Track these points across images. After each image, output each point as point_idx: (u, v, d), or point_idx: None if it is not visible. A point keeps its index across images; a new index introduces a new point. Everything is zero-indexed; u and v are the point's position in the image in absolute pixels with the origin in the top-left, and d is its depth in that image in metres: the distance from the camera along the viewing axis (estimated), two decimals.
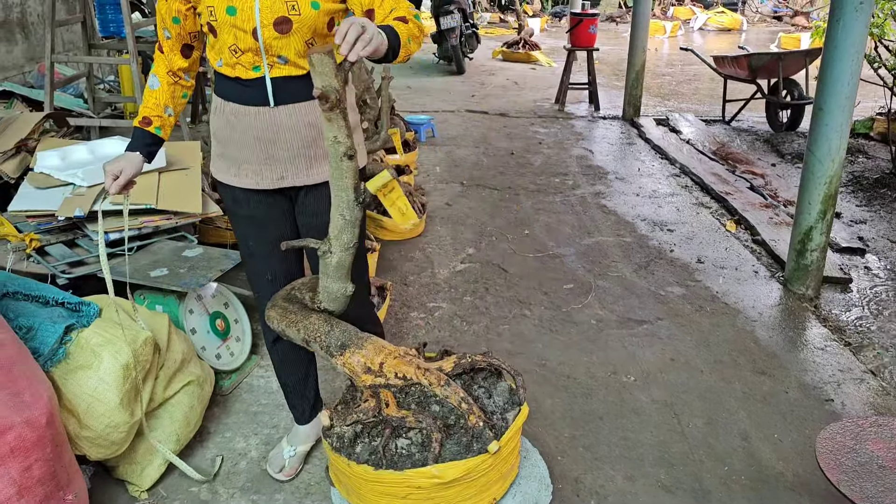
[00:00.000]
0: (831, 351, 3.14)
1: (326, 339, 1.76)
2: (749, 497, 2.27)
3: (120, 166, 1.96)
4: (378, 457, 1.66)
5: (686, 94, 9.21)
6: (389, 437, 1.69)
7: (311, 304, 1.85)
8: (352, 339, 1.77)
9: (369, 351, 1.76)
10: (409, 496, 1.63)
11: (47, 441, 1.78)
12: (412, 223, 1.79)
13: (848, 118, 3.42)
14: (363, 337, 1.80)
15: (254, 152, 1.94)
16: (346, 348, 1.75)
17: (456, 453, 1.63)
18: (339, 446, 1.73)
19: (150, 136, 2.00)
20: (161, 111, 2.00)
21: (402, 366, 1.74)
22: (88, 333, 2.11)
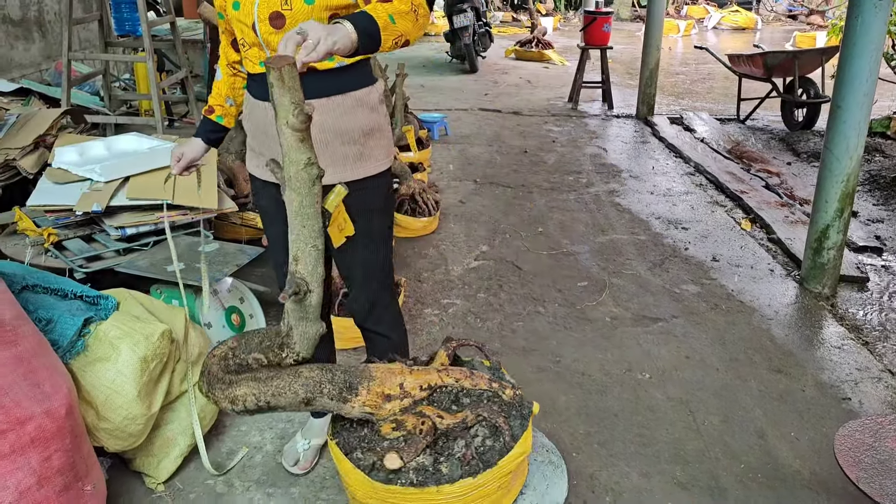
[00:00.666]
0: (848, 349, 3.11)
1: (333, 387, 1.55)
2: (766, 495, 2.26)
3: (182, 150, 2.13)
4: (475, 462, 1.54)
5: (700, 92, 9.16)
6: (469, 443, 1.58)
7: (274, 360, 1.57)
8: (357, 374, 1.60)
9: (383, 378, 1.61)
10: (502, 486, 1.58)
11: (66, 432, 1.80)
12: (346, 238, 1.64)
13: (866, 115, 3.39)
14: (364, 367, 1.64)
15: (266, 145, 1.97)
16: (357, 386, 1.58)
17: (519, 427, 1.62)
18: (425, 478, 1.53)
19: (211, 124, 2.15)
20: (223, 101, 2.13)
21: (423, 376, 1.67)
22: (107, 326, 2.13)
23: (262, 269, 3.62)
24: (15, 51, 6.20)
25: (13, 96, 5.15)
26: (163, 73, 6.93)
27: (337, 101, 1.88)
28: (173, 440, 2.27)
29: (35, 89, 5.44)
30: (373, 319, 2.12)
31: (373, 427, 1.61)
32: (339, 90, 1.89)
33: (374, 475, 1.52)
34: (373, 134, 1.96)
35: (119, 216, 3.02)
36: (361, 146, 1.94)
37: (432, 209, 4.34)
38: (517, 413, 1.62)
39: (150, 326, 2.17)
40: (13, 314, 1.83)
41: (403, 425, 1.58)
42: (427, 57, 12.03)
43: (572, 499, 2.22)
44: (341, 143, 1.91)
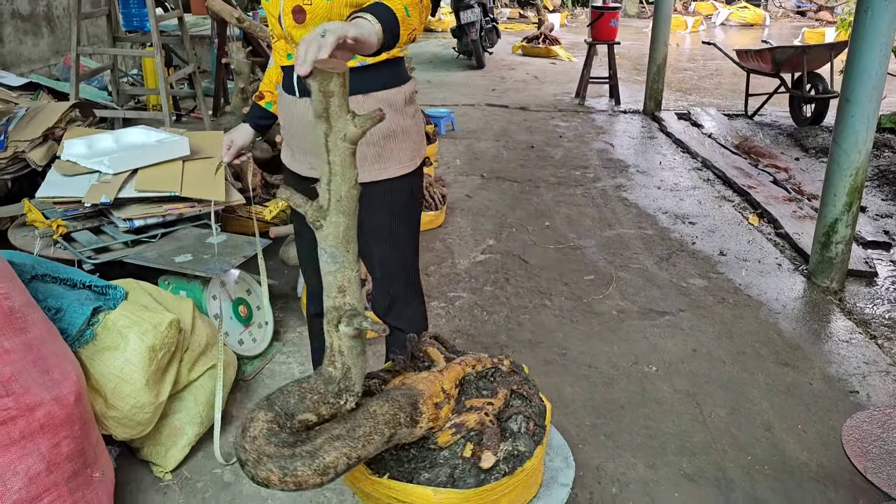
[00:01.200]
0: (856, 343, 3.10)
1: (405, 415, 1.40)
2: (773, 487, 2.25)
3: (231, 137, 2.14)
4: (538, 432, 1.53)
5: (708, 88, 9.13)
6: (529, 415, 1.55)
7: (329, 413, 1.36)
8: (412, 393, 1.46)
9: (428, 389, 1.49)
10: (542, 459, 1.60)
11: (75, 419, 1.81)
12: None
13: (875, 109, 3.37)
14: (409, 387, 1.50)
15: (293, 137, 1.97)
16: (418, 405, 1.44)
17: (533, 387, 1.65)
18: (513, 464, 1.47)
19: (261, 110, 2.14)
20: (272, 87, 2.12)
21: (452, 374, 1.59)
22: (115, 315, 2.14)
23: (268, 262, 3.62)
24: (24, 46, 6.23)
25: (22, 91, 5.18)
26: (170, 68, 6.95)
27: (358, 100, 1.83)
28: (181, 429, 2.28)
29: (44, 84, 5.46)
30: (393, 315, 2.12)
31: (422, 444, 1.49)
32: (362, 90, 1.83)
33: (462, 485, 1.42)
34: (395, 137, 1.90)
35: (127, 208, 3.03)
36: (381, 148, 1.89)
37: (439, 203, 4.34)
38: (522, 378, 1.65)
39: (159, 316, 2.18)
40: (22, 302, 1.84)
41: (464, 426, 1.49)
42: (434, 53, 12.02)
43: (578, 490, 2.23)
44: (361, 143, 1.89)
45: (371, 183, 1.93)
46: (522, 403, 1.59)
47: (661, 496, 2.21)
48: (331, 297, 1.33)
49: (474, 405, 1.53)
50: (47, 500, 1.71)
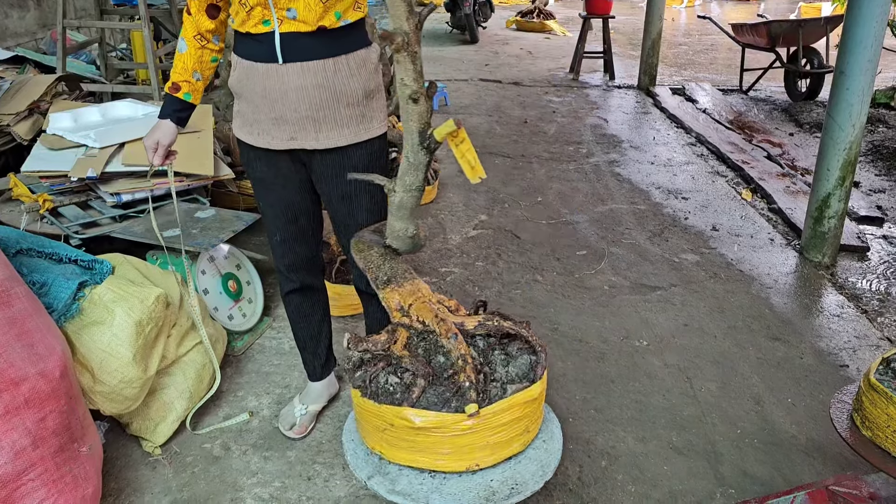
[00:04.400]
0: (847, 318, 3.11)
1: (377, 272, 1.84)
2: (761, 459, 2.26)
3: (155, 138, 2.01)
4: (364, 385, 1.73)
5: (703, 63, 9.08)
6: (380, 371, 1.74)
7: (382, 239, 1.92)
8: (396, 276, 1.83)
9: (405, 291, 1.82)
10: (386, 431, 1.70)
11: (61, 393, 1.79)
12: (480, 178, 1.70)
13: (870, 82, 3.35)
14: (408, 278, 1.86)
15: (263, 111, 1.92)
16: (388, 283, 1.82)
17: (432, 404, 1.64)
18: (346, 368, 1.82)
19: (178, 102, 2.01)
20: (189, 76, 1.99)
21: (424, 310, 1.79)
22: (102, 290, 2.11)
23: (259, 238, 3.61)
24: (9, 19, 6.13)
25: (8, 65, 5.10)
26: (159, 42, 6.85)
27: (342, 61, 1.86)
28: (170, 404, 2.27)
29: (30, 58, 5.38)
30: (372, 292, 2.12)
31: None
32: (343, 50, 1.86)
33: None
34: (373, 95, 1.95)
35: (114, 183, 2.99)
36: (363, 107, 1.92)
37: (430, 178, 4.31)
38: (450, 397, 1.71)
39: (145, 290, 2.16)
40: (6, 275, 1.81)
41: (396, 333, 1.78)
42: (427, 27, 11.90)
43: (568, 463, 2.23)
44: (346, 104, 1.89)
45: (355, 145, 1.93)
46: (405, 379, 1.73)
47: (650, 469, 2.22)
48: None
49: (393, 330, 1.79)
50: (33, 474, 1.70)
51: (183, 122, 2.04)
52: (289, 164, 2.00)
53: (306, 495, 2.08)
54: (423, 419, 1.63)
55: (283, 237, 2.12)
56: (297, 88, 1.86)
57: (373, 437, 1.76)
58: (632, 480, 2.17)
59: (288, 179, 2.02)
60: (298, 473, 2.17)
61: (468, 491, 1.67)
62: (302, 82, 1.85)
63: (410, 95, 1.56)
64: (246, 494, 2.08)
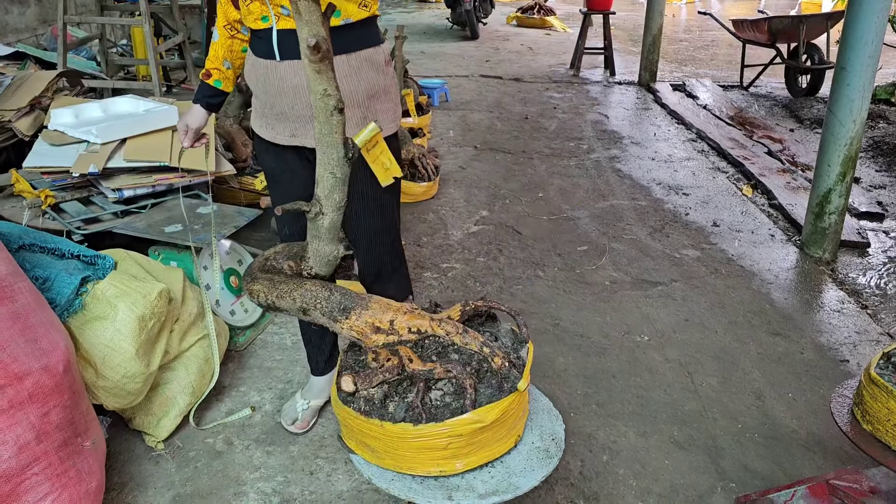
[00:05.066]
0: (847, 313, 3.11)
1: (327, 305, 1.64)
2: (762, 454, 2.27)
3: (185, 121, 2.10)
4: (417, 412, 1.56)
5: (703, 59, 9.07)
6: (424, 391, 1.60)
7: (296, 271, 1.73)
8: (355, 300, 1.67)
9: (376, 310, 1.66)
10: (450, 445, 1.57)
11: (65, 388, 1.80)
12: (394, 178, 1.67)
13: (871, 78, 3.35)
14: (366, 297, 1.70)
15: (268, 106, 1.93)
16: (350, 311, 1.65)
17: (490, 396, 1.60)
18: (370, 409, 1.59)
19: (209, 89, 2.07)
20: (219, 64, 2.04)
21: (415, 320, 1.68)
22: (104, 285, 2.12)
23: (260, 234, 3.61)
24: (10, 15, 6.12)
25: (9, 60, 5.10)
26: (160, 38, 6.85)
27: (341, 60, 1.82)
28: (172, 399, 2.28)
29: (31, 53, 5.38)
30: (380, 283, 2.12)
31: (360, 349, 1.74)
32: (343, 50, 1.82)
33: (339, 394, 1.65)
34: (378, 97, 1.91)
35: (116, 178, 3.00)
36: (365, 109, 1.89)
37: (432, 174, 4.32)
38: (496, 384, 1.61)
39: (148, 286, 2.17)
40: (9, 271, 1.82)
41: (378, 357, 1.66)
42: (427, 23, 11.89)
43: (570, 458, 2.24)
44: (346, 105, 1.87)
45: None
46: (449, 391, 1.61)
47: (651, 463, 2.22)
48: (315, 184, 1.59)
49: (398, 351, 1.64)
50: (37, 468, 1.71)
51: (213, 108, 2.12)
52: (295, 159, 2.01)
53: (309, 489, 2.09)
54: (492, 413, 1.57)
55: (290, 231, 2.12)
56: (294, 87, 1.86)
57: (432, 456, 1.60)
58: (633, 475, 2.18)
59: (295, 174, 2.03)
60: (301, 468, 2.18)
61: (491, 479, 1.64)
62: (298, 80, 1.84)
63: (336, 106, 1.44)
64: (249, 489, 2.09)
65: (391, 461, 1.62)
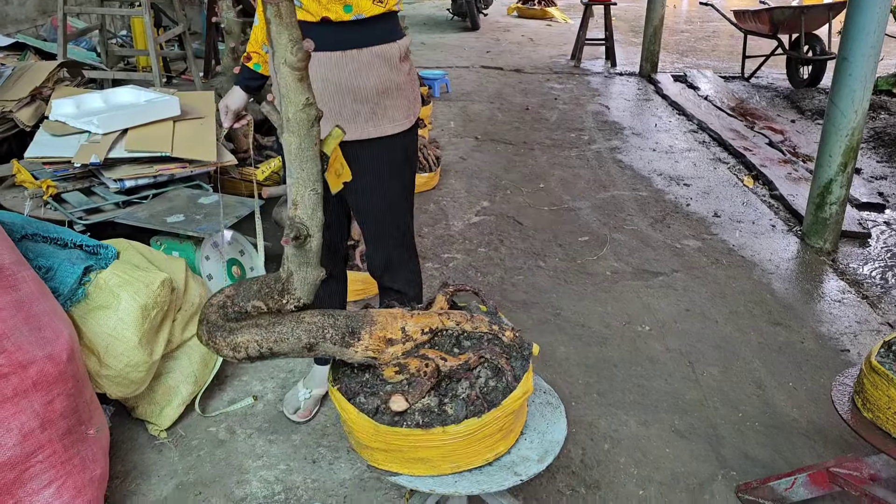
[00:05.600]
0: (848, 303, 3.12)
1: (336, 332, 1.50)
2: (763, 442, 2.28)
3: (226, 102, 2.12)
4: (479, 403, 1.51)
5: (705, 50, 9.05)
6: (474, 383, 1.54)
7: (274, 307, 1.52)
8: (359, 319, 1.54)
9: (383, 323, 1.56)
10: (504, 426, 1.55)
11: (69, 376, 1.81)
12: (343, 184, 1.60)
13: (873, 68, 3.34)
14: (367, 313, 1.58)
15: None
16: (359, 331, 1.53)
17: (520, 368, 1.61)
18: (430, 419, 1.48)
19: (249, 72, 2.10)
20: (258, 48, 2.07)
21: (423, 319, 1.62)
22: (107, 274, 2.13)
23: (264, 224, 3.60)
24: (10, 6, 6.11)
25: (9, 51, 5.08)
26: (160, 28, 6.84)
27: (352, 55, 1.81)
28: (175, 388, 2.29)
29: (31, 44, 5.36)
30: (389, 276, 2.12)
31: (375, 372, 1.56)
32: (355, 44, 1.81)
33: (378, 418, 1.48)
34: (389, 93, 1.88)
35: (118, 168, 3.00)
36: (374, 105, 1.87)
37: (433, 164, 4.32)
38: (517, 354, 1.61)
39: (151, 275, 2.17)
40: (12, 259, 1.82)
41: (407, 368, 1.53)
42: (428, 14, 11.86)
43: (571, 446, 2.25)
44: (353, 100, 1.85)
45: (364, 141, 1.91)
46: (489, 374, 1.56)
47: (652, 452, 2.23)
48: (289, 207, 1.45)
49: (426, 354, 1.55)
50: (41, 456, 1.72)
51: (252, 91, 2.13)
52: None
53: (311, 478, 2.10)
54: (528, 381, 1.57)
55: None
56: (321, 77, 1.85)
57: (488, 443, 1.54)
58: (634, 463, 2.19)
59: None
60: (303, 456, 2.19)
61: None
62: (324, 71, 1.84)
63: (316, 116, 1.37)
64: (251, 477, 2.10)
65: (448, 465, 1.52)
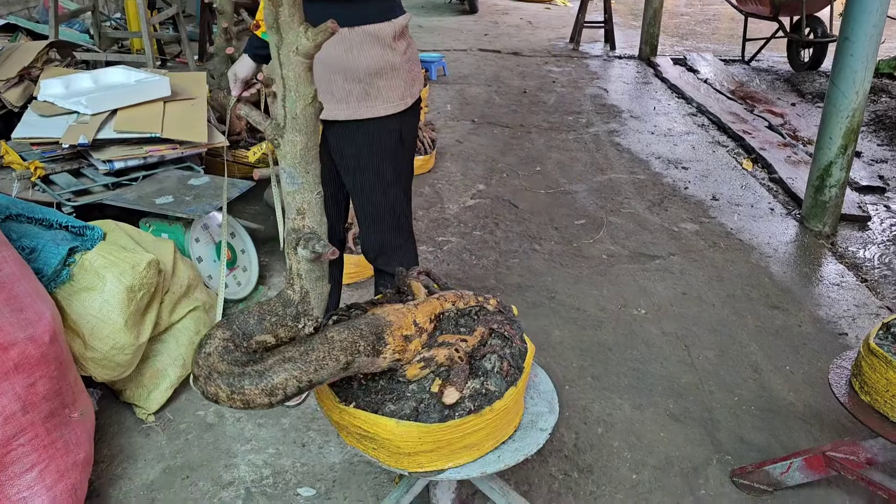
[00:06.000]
0: (847, 287, 3.08)
1: (366, 342, 1.36)
2: (758, 426, 2.25)
3: (234, 70, 2.06)
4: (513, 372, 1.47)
5: (705, 33, 8.97)
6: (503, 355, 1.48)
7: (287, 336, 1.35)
8: (377, 323, 1.41)
9: (398, 321, 1.45)
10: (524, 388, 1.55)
11: (51, 358, 1.77)
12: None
13: (875, 49, 3.29)
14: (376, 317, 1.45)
15: None
16: (383, 334, 1.40)
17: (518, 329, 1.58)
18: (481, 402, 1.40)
19: (258, 40, 2.02)
20: None
21: (426, 308, 1.55)
22: (92, 255, 2.09)
23: (254, 207, 3.58)
24: None
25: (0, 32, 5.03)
26: (153, 10, 6.76)
27: (343, 33, 1.76)
28: (163, 371, 2.25)
29: (22, 25, 5.31)
30: (383, 260, 2.08)
31: (392, 376, 1.46)
32: (347, 22, 1.75)
33: (424, 419, 1.38)
34: (383, 74, 1.83)
35: (107, 150, 2.95)
36: (367, 85, 1.82)
37: (428, 147, 4.27)
38: (509, 318, 1.60)
39: (137, 256, 2.13)
40: None
41: (434, 360, 1.45)
42: None
43: (564, 430, 2.22)
44: (345, 79, 1.80)
45: (356, 121, 1.87)
46: (501, 343, 1.53)
47: (647, 436, 2.20)
48: (290, 218, 1.31)
49: (447, 341, 1.49)
50: (24, 439, 1.69)
51: (261, 59, 2.05)
52: None
53: (300, 461, 2.07)
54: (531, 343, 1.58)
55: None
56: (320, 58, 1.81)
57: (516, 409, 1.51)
58: (628, 447, 2.16)
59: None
60: (293, 440, 2.16)
61: None
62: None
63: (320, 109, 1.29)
64: (240, 461, 2.07)
65: (490, 443, 1.47)
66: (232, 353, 1.27)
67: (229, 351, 1.27)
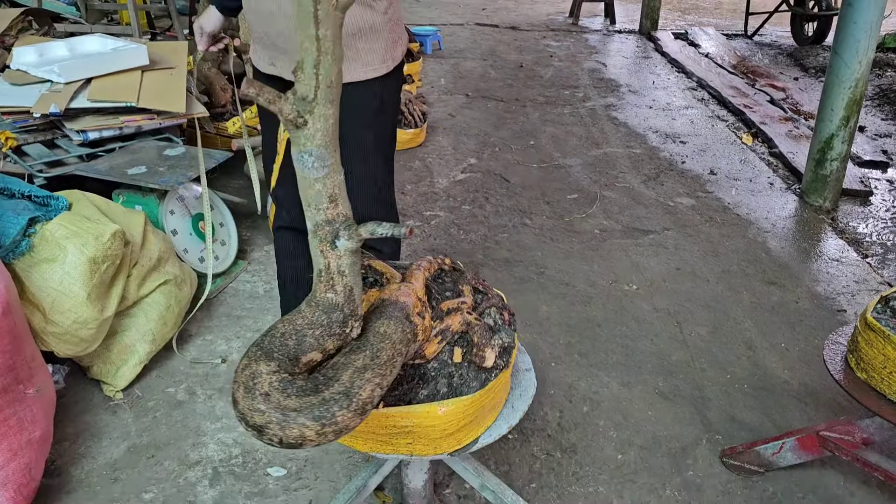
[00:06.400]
0: (847, 262, 2.98)
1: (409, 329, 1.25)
2: (751, 405, 2.16)
3: (200, 23, 1.96)
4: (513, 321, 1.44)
5: (707, 8, 8.79)
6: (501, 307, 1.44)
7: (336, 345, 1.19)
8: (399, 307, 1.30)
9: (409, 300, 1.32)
10: None
11: (4, 332, 1.68)
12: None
13: (879, 15, 3.16)
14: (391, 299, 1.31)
15: (254, 26, 1.80)
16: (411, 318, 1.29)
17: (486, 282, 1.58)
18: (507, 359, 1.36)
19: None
20: None
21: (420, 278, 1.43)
22: (53, 226, 1.99)
23: (238, 182, 3.48)
24: None
25: None
26: None
27: None
28: (132, 347, 2.17)
29: None
30: None
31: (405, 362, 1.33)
32: None
33: (467, 391, 1.29)
34: (363, 35, 1.74)
35: (81, 119, 2.85)
36: (346, 47, 1.74)
37: (418, 120, 4.15)
38: (470, 273, 1.54)
39: (101, 227, 2.04)
40: None
41: (449, 331, 1.35)
42: None
43: (548, 409, 2.13)
44: None
45: None
46: (484, 297, 1.47)
47: (634, 415, 2.12)
48: (321, 209, 1.13)
49: (451, 307, 1.39)
50: None
51: (228, 12, 1.96)
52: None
53: None
54: None
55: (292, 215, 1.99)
56: (269, 13, 1.72)
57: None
58: (614, 426, 2.07)
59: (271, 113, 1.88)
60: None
61: None
62: (272, 7, 1.70)
63: None
64: (209, 440, 1.99)
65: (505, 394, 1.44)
66: (294, 384, 1.07)
67: (290, 382, 1.07)
